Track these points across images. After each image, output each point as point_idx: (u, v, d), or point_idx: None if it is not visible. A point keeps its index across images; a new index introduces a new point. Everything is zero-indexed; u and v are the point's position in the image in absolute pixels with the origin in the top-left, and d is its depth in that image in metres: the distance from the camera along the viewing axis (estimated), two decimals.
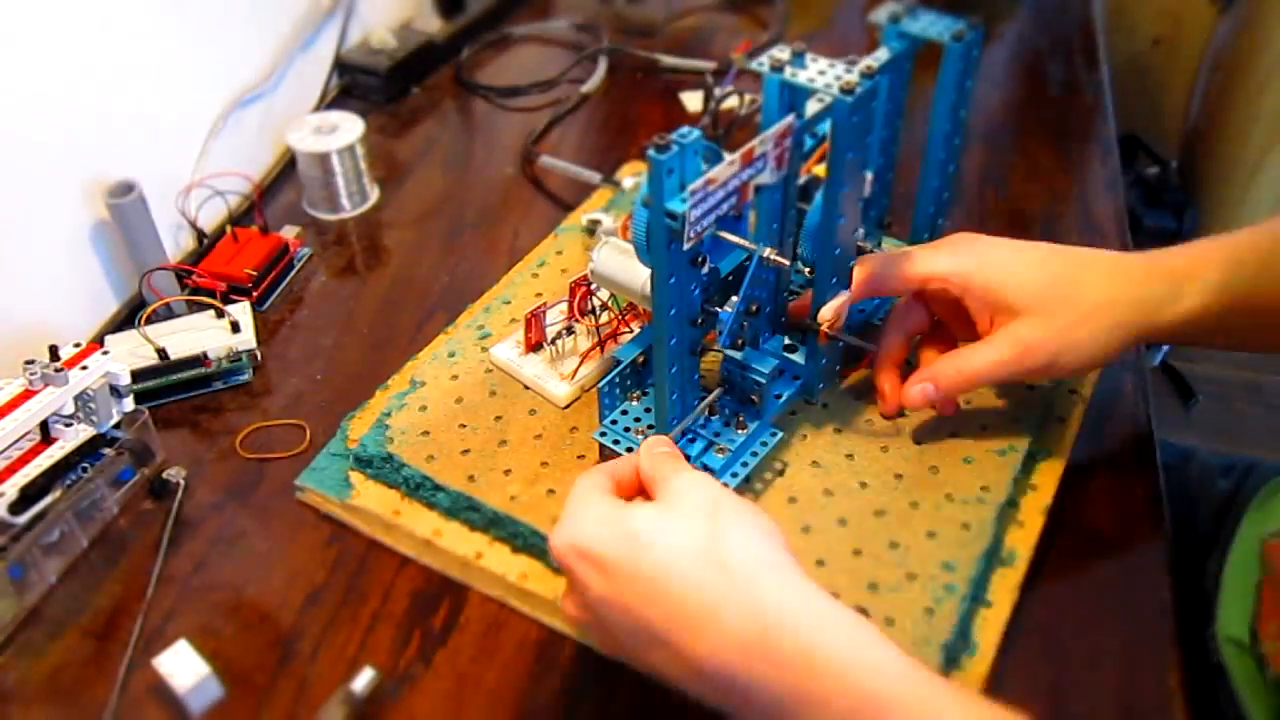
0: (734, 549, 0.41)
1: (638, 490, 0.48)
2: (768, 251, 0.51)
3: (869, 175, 0.56)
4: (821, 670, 0.39)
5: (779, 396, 0.58)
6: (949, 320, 0.58)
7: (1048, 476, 0.57)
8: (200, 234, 0.77)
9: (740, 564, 0.41)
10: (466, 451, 0.58)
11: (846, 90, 0.48)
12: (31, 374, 0.56)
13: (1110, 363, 0.55)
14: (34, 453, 0.57)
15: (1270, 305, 0.53)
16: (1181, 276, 0.52)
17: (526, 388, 0.62)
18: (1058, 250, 0.55)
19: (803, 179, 0.56)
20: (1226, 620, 0.56)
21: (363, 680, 0.49)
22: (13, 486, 0.54)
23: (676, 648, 0.40)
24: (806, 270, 0.60)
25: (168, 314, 0.69)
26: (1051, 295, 0.52)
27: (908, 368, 0.59)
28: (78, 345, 0.58)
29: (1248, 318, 0.53)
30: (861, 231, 0.59)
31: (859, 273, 0.56)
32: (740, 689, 0.39)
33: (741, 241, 0.50)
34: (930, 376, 0.54)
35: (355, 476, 0.58)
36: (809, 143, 0.56)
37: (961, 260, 0.54)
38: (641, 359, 0.58)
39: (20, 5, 0.61)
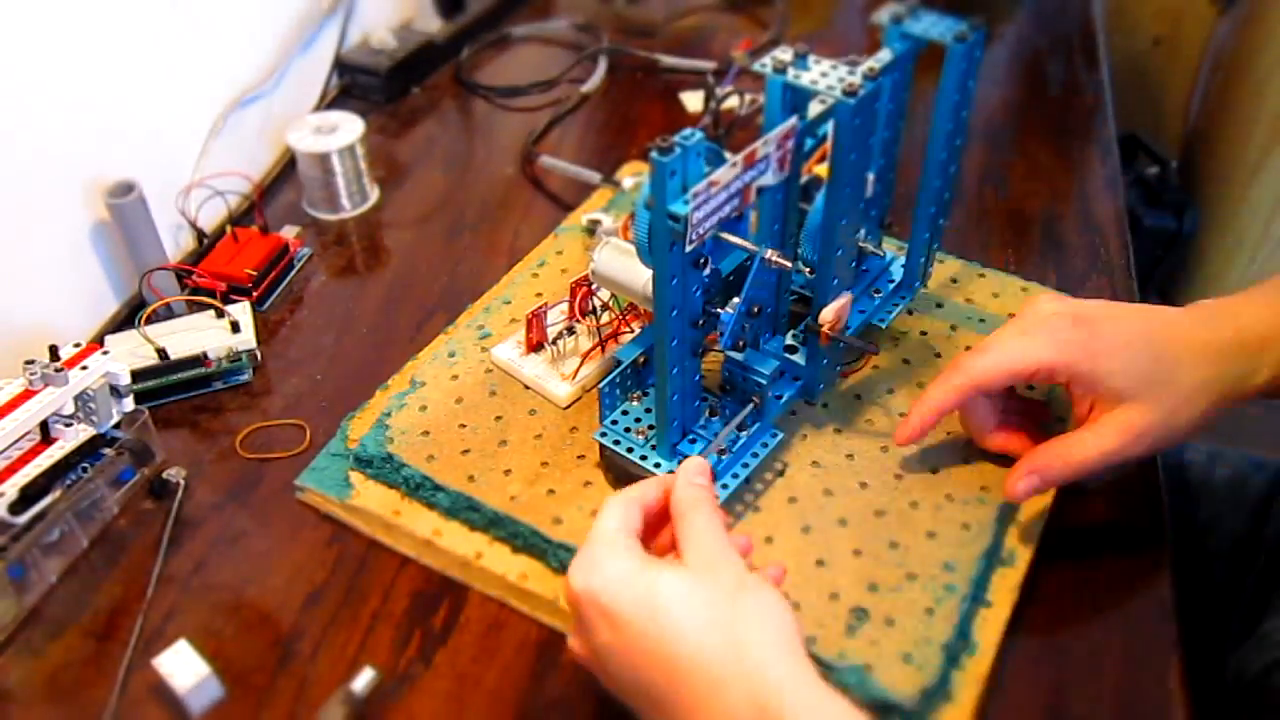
0: (751, 630, 0.41)
1: (664, 515, 0.48)
2: (769, 253, 0.51)
3: (870, 176, 0.56)
4: None
5: (779, 397, 0.58)
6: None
7: None
8: (200, 234, 0.76)
9: (754, 645, 0.41)
10: (466, 451, 0.58)
11: (849, 92, 0.48)
12: (31, 374, 0.56)
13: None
14: (34, 453, 0.57)
15: None
16: (1257, 349, 0.52)
17: (527, 388, 0.62)
18: (1154, 323, 0.52)
19: (803, 179, 0.56)
20: None
21: (363, 680, 0.49)
22: (13, 486, 0.54)
23: (674, 712, 0.41)
24: (807, 270, 0.60)
25: (168, 314, 0.69)
26: (1156, 380, 0.51)
27: None
28: (78, 345, 0.58)
29: None
30: (863, 232, 0.59)
31: (954, 379, 0.53)
32: None
33: (743, 243, 0.50)
34: (1035, 469, 0.52)
35: (355, 476, 0.58)
36: (809, 143, 0.55)
37: (1068, 349, 0.51)
38: (642, 359, 0.58)
39: (21, 5, 0.61)
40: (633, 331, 0.63)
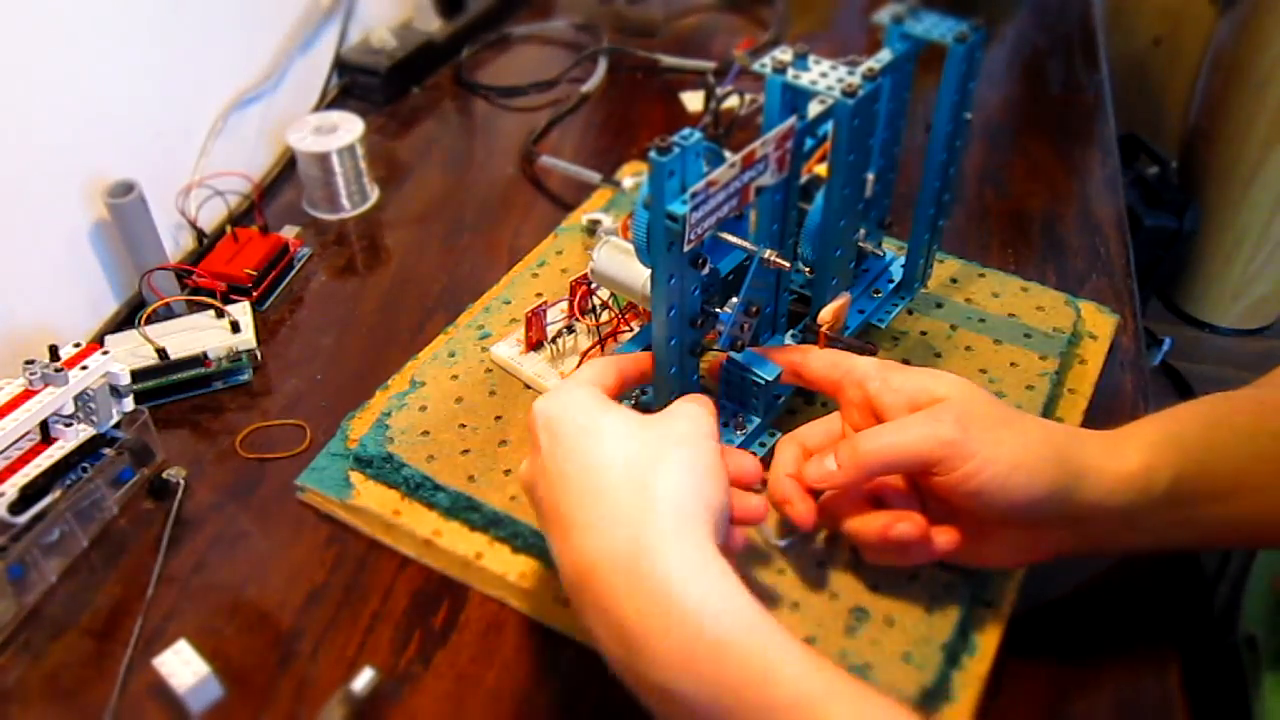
0: (663, 482, 0.42)
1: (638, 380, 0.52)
2: (768, 253, 0.51)
3: (870, 176, 0.56)
4: (675, 603, 0.39)
5: (778, 397, 0.58)
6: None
7: None
8: (200, 234, 0.77)
9: (660, 498, 0.41)
10: (466, 451, 0.58)
11: (848, 93, 0.48)
12: (31, 374, 0.56)
13: (1034, 513, 0.45)
14: (34, 453, 0.57)
15: (1212, 477, 0.47)
16: (1121, 436, 0.47)
17: (527, 387, 0.62)
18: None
19: (804, 178, 0.56)
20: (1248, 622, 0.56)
21: (363, 680, 0.49)
22: (13, 486, 0.54)
23: (567, 538, 0.42)
24: (807, 270, 0.60)
25: (168, 314, 0.69)
26: (979, 401, 0.46)
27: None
28: (78, 345, 0.58)
29: (1189, 490, 0.46)
30: (863, 232, 0.60)
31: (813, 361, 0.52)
32: (593, 600, 0.41)
33: (742, 243, 0.50)
34: (832, 453, 0.48)
35: (355, 476, 0.58)
36: (810, 143, 0.55)
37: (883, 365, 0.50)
38: None
39: (21, 6, 0.61)
40: (632, 330, 0.63)
